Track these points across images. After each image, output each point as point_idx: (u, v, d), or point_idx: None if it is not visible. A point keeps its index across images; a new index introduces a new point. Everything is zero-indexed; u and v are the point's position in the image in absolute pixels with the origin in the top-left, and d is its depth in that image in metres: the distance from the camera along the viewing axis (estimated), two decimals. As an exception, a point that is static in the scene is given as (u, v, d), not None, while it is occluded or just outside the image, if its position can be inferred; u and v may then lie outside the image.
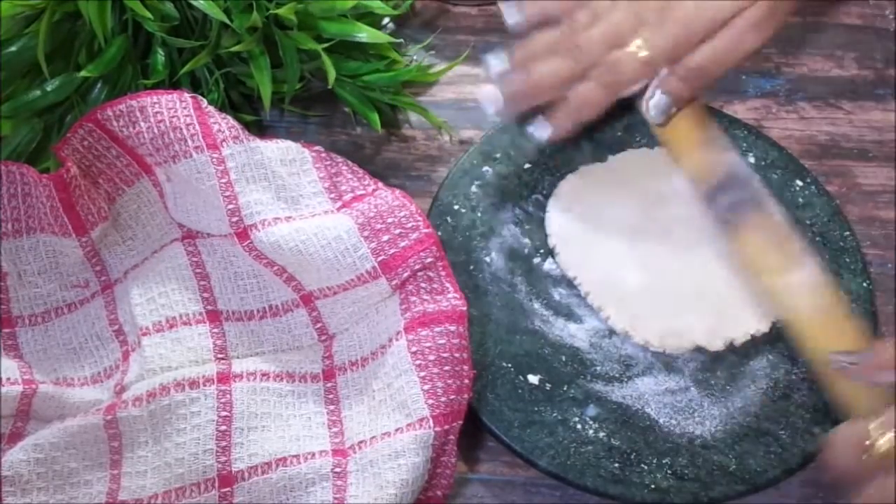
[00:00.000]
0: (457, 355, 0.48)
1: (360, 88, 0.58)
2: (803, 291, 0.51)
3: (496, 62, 0.56)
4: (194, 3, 0.52)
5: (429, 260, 0.50)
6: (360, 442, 0.48)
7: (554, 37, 0.56)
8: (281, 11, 0.52)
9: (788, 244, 0.52)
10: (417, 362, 0.48)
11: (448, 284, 0.50)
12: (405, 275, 0.50)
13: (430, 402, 0.47)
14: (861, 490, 0.42)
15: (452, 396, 0.48)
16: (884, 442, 0.42)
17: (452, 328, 0.49)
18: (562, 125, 0.56)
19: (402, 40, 0.59)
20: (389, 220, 0.50)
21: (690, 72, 0.54)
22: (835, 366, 0.47)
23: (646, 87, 0.55)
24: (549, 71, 0.55)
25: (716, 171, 0.55)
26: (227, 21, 0.53)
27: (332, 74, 0.54)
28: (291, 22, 0.53)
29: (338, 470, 0.48)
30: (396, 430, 0.48)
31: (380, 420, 0.49)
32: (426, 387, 0.48)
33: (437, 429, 0.47)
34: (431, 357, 0.48)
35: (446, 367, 0.48)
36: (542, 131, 0.56)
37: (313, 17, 0.54)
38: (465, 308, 0.49)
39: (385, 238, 0.50)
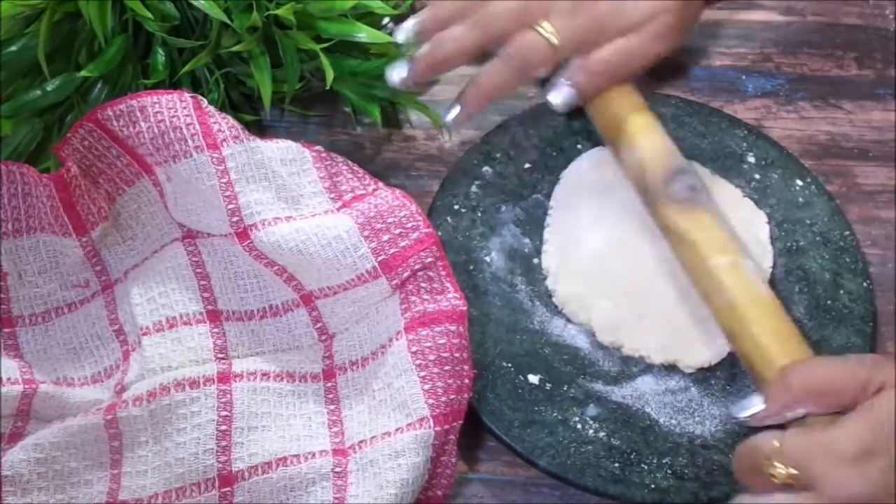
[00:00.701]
0: (457, 355, 0.48)
1: (361, 85, 0.58)
2: (754, 276, 0.49)
3: (401, 34, 0.55)
4: (195, 2, 0.52)
5: (429, 260, 0.50)
6: (361, 442, 0.48)
7: (461, 1, 0.54)
8: (280, 12, 0.52)
9: (717, 230, 0.51)
10: (418, 362, 0.48)
11: (448, 284, 0.50)
12: (405, 274, 0.50)
13: (431, 401, 0.47)
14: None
15: (452, 396, 0.48)
16: (782, 473, 0.40)
17: (452, 328, 0.49)
18: (471, 106, 0.55)
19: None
20: (389, 219, 0.50)
21: (597, 65, 0.54)
22: (740, 417, 0.45)
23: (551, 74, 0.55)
24: (455, 40, 0.53)
25: (674, 155, 0.54)
26: (228, 21, 0.53)
27: (330, 75, 0.54)
28: (290, 22, 0.53)
29: (338, 470, 0.48)
30: (397, 429, 0.48)
31: (380, 420, 0.49)
32: (426, 386, 0.48)
33: (438, 428, 0.47)
34: (431, 357, 0.48)
35: (446, 367, 0.48)
36: (451, 114, 0.55)
37: (312, 17, 0.54)
38: (465, 308, 0.49)
39: (385, 238, 0.50)
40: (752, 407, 0.44)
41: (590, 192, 0.57)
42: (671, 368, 0.52)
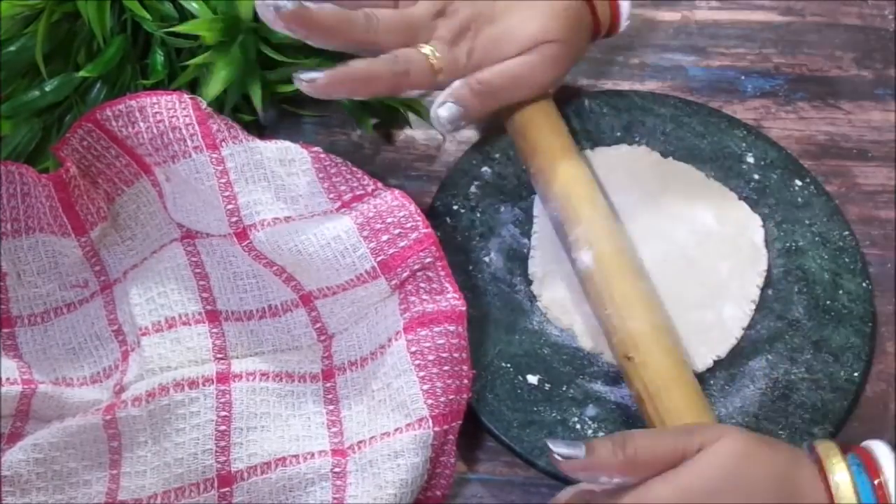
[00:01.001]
0: (456, 355, 0.48)
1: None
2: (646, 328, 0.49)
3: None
4: (185, 3, 0.52)
5: (428, 260, 0.50)
6: (360, 442, 0.48)
7: None
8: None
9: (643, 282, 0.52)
10: (417, 362, 0.48)
11: (447, 284, 0.50)
12: (404, 275, 0.50)
13: (430, 402, 0.47)
14: None
15: (452, 396, 0.48)
16: None
17: (452, 328, 0.49)
18: (333, 83, 0.50)
19: None
20: (388, 220, 0.50)
21: (479, 86, 0.53)
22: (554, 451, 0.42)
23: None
24: (340, 14, 0.51)
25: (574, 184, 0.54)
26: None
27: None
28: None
29: (337, 470, 0.48)
30: (396, 430, 0.48)
31: (379, 420, 0.49)
32: (425, 387, 0.48)
33: (437, 429, 0.47)
34: (431, 357, 0.48)
35: (445, 367, 0.48)
36: (309, 75, 0.50)
37: None
38: (464, 308, 0.49)
39: (384, 238, 0.50)
40: (573, 451, 0.42)
41: None
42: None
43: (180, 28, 0.52)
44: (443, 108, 0.53)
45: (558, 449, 0.42)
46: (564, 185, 0.54)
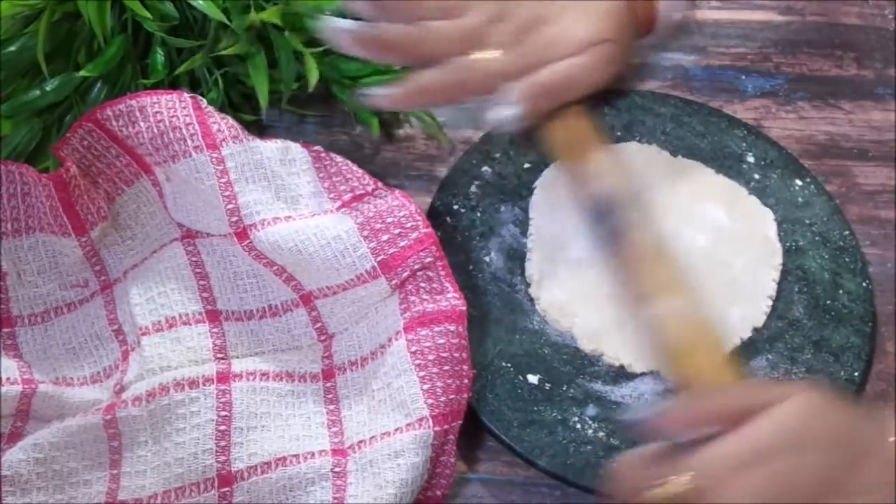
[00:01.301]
0: (456, 355, 0.48)
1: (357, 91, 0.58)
2: (673, 320, 0.50)
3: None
4: (193, 2, 0.52)
5: (428, 260, 0.50)
6: (360, 442, 0.48)
7: (416, 7, 0.54)
8: (263, 15, 0.53)
9: (666, 269, 0.51)
10: (417, 362, 0.48)
11: (447, 284, 0.50)
12: (405, 275, 0.50)
13: (430, 401, 0.47)
14: None
15: (452, 396, 0.48)
16: (678, 483, 0.40)
17: (452, 328, 0.49)
18: (400, 97, 0.53)
19: None
20: (389, 219, 0.50)
21: (535, 88, 0.54)
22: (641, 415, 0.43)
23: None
24: (400, 31, 0.53)
25: (604, 189, 0.54)
26: (227, 21, 0.53)
27: (313, 78, 0.54)
28: (279, 24, 0.53)
29: (337, 470, 0.48)
30: (396, 429, 0.48)
31: (379, 420, 0.49)
32: (426, 386, 0.48)
33: (437, 428, 0.47)
34: (431, 357, 0.48)
35: (446, 367, 0.48)
36: (374, 92, 0.53)
37: (302, 17, 0.54)
38: (464, 308, 0.49)
39: (384, 238, 0.50)
40: (650, 410, 0.43)
41: (568, 201, 0.57)
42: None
43: (226, 52, 0.54)
44: (500, 110, 0.54)
45: (629, 416, 0.44)
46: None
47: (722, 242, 0.55)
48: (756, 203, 0.57)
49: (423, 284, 0.50)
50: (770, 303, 0.54)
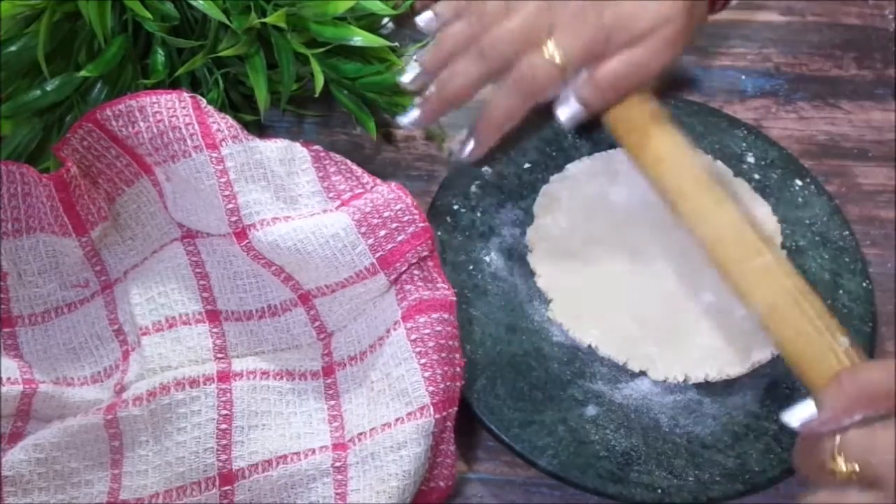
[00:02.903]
0: (451, 343, 0.49)
1: (358, 93, 0.58)
2: (766, 275, 0.48)
3: (408, 75, 0.55)
4: (194, 3, 0.52)
5: (425, 253, 0.50)
6: (360, 434, 0.48)
7: (463, 32, 0.53)
8: (270, 19, 0.53)
9: (750, 233, 0.50)
10: (418, 349, 0.48)
11: (437, 275, 0.50)
12: (403, 269, 0.50)
13: (431, 388, 0.47)
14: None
15: (449, 383, 0.48)
16: (843, 466, 0.40)
17: (447, 316, 0.49)
18: (485, 140, 0.54)
19: (397, 43, 0.59)
20: (386, 214, 0.50)
21: (604, 80, 0.52)
22: (793, 426, 0.43)
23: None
24: (461, 76, 0.53)
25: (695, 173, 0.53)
26: (227, 22, 0.53)
27: (319, 82, 0.54)
28: (283, 26, 0.53)
29: (338, 464, 0.48)
30: (396, 419, 0.48)
31: (379, 410, 0.49)
32: (427, 374, 0.48)
33: (437, 416, 0.47)
34: (431, 343, 0.48)
35: (443, 354, 0.48)
36: (466, 150, 0.55)
37: (305, 21, 0.54)
38: (454, 299, 0.50)
39: (382, 234, 0.50)
40: (806, 414, 0.42)
41: (575, 212, 0.57)
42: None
43: (225, 53, 0.53)
44: (564, 108, 0.53)
45: (793, 421, 0.42)
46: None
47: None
48: (767, 211, 0.57)
49: (416, 272, 0.50)
50: None
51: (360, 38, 0.55)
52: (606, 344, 0.52)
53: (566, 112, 0.53)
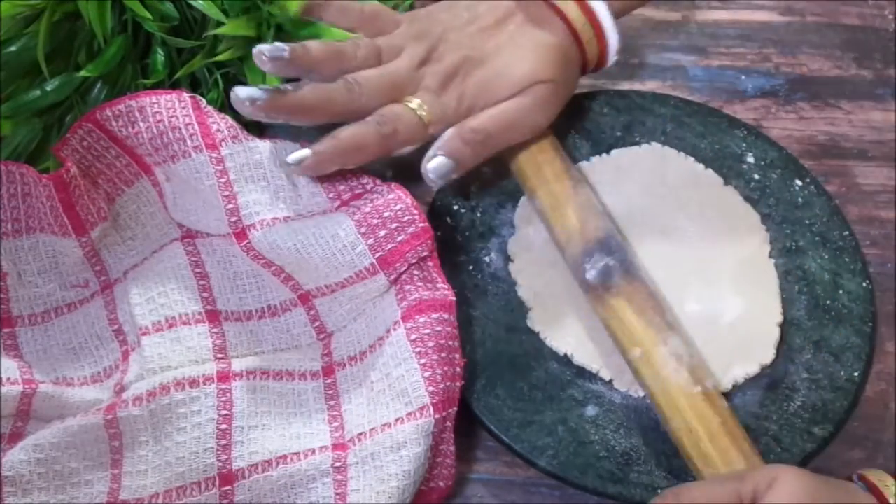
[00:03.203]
0: (451, 343, 0.49)
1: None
2: (667, 366, 0.48)
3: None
4: (193, 3, 0.52)
5: (425, 254, 0.50)
6: (360, 434, 0.48)
7: (337, 54, 0.51)
8: (222, 30, 0.52)
9: (657, 315, 0.50)
10: (418, 349, 0.48)
11: (437, 276, 0.50)
12: (402, 269, 0.50)
13: (431, 389, 0.47)
14: None
15: (448, 383, 0.48)
16: None
17: (446, 316, 0.49)
18: (323, 161, 0.50)
19: None
20: (386, 214, 0.50)
21: (471, 133, 0.52)
22: None
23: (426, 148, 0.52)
24: (320, 91, 0.50)
25: (589, 234, 0.52)
26: (227, 22, 0.53)
27: None
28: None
29: (338, 464, 0.48)
30: (396, 419, 0.48)
31: (379, 410, 0.49)
32: (427, 374, 0.48)
33: (437, 416, 0.47)
34: (431, 344, 0.48)
35: (443, 354, 0.48)
36: (296, 159, 0.50)
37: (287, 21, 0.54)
38: (454, 299, 0.50)
39: (382, 234, 0.50)
40: None
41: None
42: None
43: (222, 30, 0.52)
44: (433, 162, 0.51)
45: None
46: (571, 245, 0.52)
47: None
48: (761, 234, 0.57)
49: (416, 272, 0.50)
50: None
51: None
52: (581, 353, 0.52)
53: (435, 169, 0.51)
